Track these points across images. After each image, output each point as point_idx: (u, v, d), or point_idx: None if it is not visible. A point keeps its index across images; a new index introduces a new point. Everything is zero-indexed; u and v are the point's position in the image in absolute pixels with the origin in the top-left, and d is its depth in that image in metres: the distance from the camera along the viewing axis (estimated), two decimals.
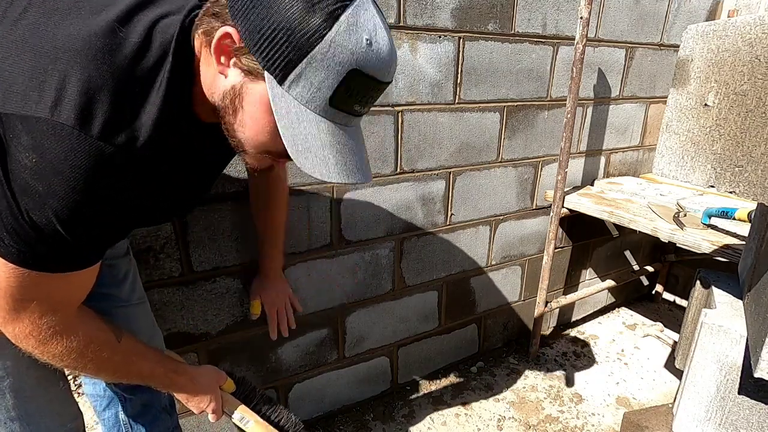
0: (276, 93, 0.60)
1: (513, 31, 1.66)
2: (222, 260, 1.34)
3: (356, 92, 0.62)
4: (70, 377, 1.09)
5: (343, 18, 0.57)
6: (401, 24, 1.42)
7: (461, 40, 1.56)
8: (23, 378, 0.82)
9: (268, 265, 1.34)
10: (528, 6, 1.66)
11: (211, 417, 0.98)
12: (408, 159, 1.59)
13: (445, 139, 1.65)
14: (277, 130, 0.62)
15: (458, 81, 1.60)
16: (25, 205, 0.60)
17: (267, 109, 0.62)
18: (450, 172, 1.71)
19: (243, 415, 1.02)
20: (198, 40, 0.66)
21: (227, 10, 0.61)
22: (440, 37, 1.51)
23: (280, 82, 0.60)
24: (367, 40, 0.59)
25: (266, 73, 0.60)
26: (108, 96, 0.59)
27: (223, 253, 1.34)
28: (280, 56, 0.58)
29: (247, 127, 0.66)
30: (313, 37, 0.57)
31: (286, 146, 0.62)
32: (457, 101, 1.63)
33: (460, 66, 1.58)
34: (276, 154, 0.68)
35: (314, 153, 0.62)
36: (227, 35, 0.60)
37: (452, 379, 2.02)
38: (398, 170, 1.58)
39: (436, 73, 1.54)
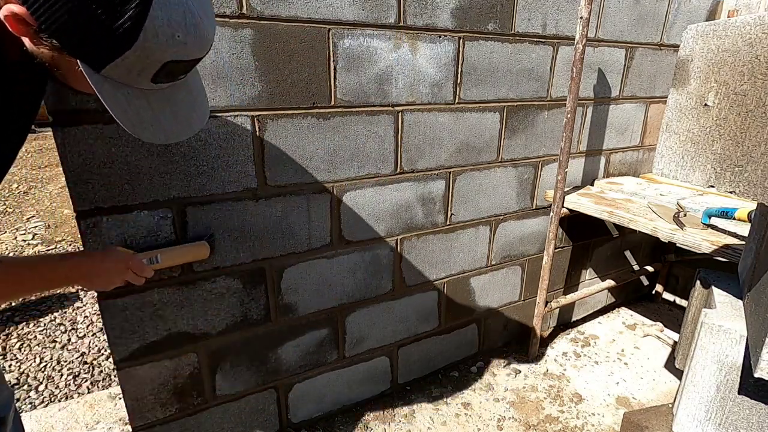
0: (95, 78, 0.61)
1: (513, 31, 1.66)
2: (222, 260, 1.35)
3: (176, 71, 0.66)
4: None
5: (148, 23, 0.57)
6: (401, 24, 1.42)
7: (461, 40, 1.56)
8: None
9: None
10: (528, 6, 1.66)
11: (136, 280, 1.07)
12: (408, 159, 1.59)
13: (445, 139, 1.65)
14: None
15: (458, 81, 1.60)
16: None
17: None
18: (450, 172, 1.71)
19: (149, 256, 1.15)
20: None
21: None
22: (440, 37, 1.51)
23: (97, 70, 0.60)
24: (177, 36, 0.60)
25: (79, 61, 0.60)
26: None
27: (222, 253, 1.34)
28: (91, 54, 0.59)
29: (78, 84, 0.66)
30: (123, 43, 0.58)
31: (120, 124, 0.64)
32: (457, 101, 1.62)
33: (460, 66, 1.58)
34: None
35: (149, 123, 0.67)
36: (18, 17, 0.56)
37: (452, 379, 2.02)
38: (398, 170, 1.58)
39: (436, 73, 1.54)
